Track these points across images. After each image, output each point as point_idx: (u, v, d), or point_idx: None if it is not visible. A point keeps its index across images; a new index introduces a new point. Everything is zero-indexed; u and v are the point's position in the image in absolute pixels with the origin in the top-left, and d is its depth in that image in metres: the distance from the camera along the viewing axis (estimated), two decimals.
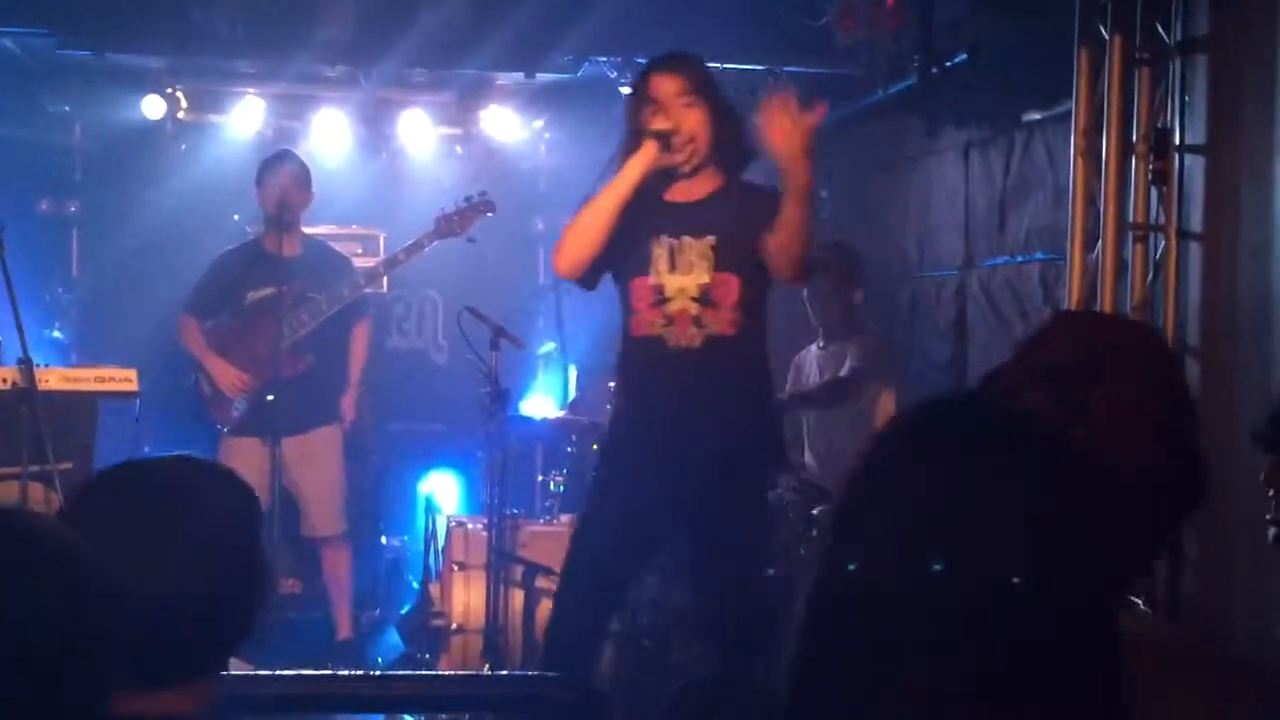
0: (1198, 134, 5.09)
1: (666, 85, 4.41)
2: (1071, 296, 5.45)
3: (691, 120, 4.40)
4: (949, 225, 7.09)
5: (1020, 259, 6.42)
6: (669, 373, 4.41)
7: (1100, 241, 5.31)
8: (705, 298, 4.37)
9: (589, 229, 4.43)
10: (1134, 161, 5.22)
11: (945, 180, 7.15)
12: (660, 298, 4.39)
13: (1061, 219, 5.72)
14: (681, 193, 4.48)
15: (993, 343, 6.59)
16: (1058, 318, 1.89)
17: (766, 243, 4.31)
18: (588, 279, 4.56)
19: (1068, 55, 5.46)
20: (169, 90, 8.29)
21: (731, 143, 4.50)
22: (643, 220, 4.42)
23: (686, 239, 4.40)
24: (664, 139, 4.35)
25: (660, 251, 4.41)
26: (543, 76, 7.61)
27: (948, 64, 6.47)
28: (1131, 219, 5.26)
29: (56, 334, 8.47)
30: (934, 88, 6.67)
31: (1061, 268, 5.74)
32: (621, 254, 4.46)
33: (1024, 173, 6.40)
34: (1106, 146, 5.26)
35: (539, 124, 8.89)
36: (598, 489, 4.65)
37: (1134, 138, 5.22)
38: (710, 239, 4.38)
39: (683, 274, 4.39)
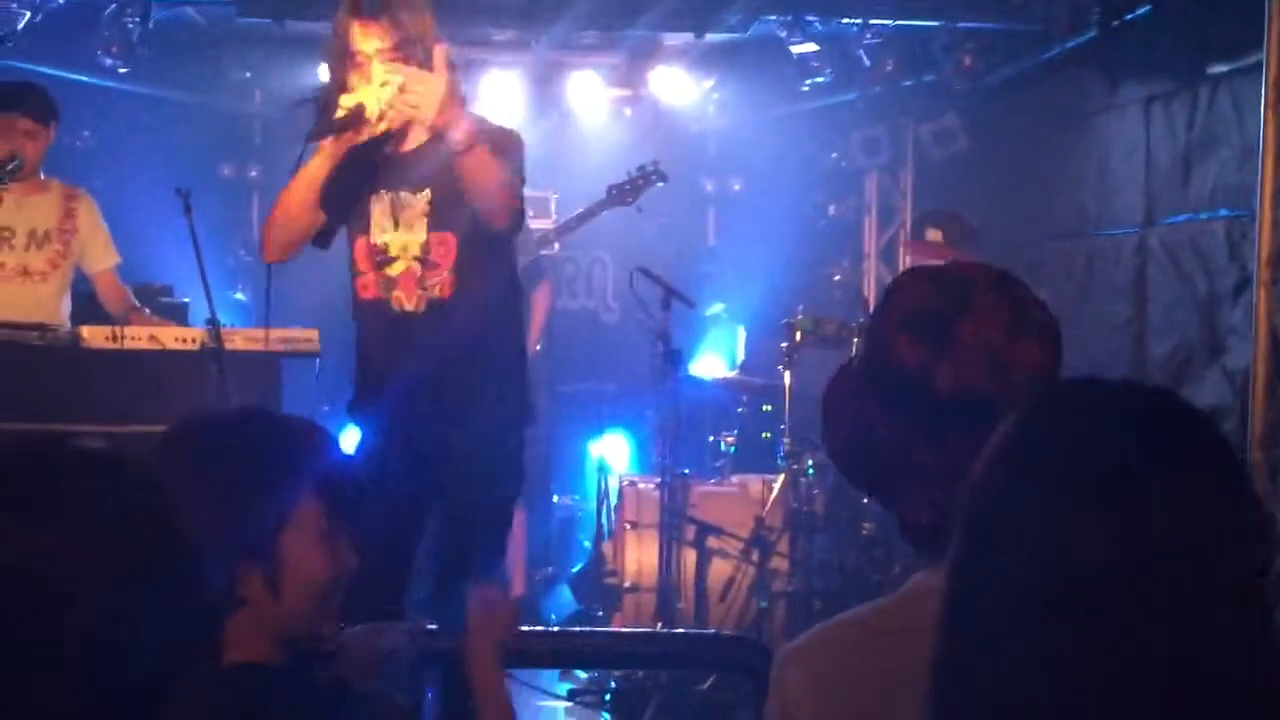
0: None
1: (369, 40, 3.93)
2: (1260, 254, 5.29)
3: (396, 80, 3.86)
4: (1129, 182, 6.92)
5: (1205, 216, 6.24)
6: (396, 339, 4.11)
7: None
8: (425, 258, 4.05)
9: (291, 218, 4.16)
10: None
11: (1125, 136, 6.97)
12: (384, 258, 4.09)
13: (1249, 176, 5.56)
14: (393, 143, 4.10)
15: (1175, 302, 6.42)
16: (909, 271, 1.89)
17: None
18: (319, 244, 4.30)
19: (1258, 3, 5.28)
20: None
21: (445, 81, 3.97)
22: (360, 173, 4.07)
23: (404, 193, 4.06)
24: (356, 120, 3.91)
25: (380, 207, 4.09)
26: (712, 36, 7.55)
27: (1129, 16, 6.33)
28: None
29: (240, 296, 8.67)
30: (1115, 41, 6.52)
31: (1247, 224, 5.58)
32: (343, 210, 4.15)
33: (1209, 127, 6.22)
34: None
35: (708, 84, 8.83)
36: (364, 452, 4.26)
37: None
38: (426, 193, 4.04)
39: (405, 232, 4.06)
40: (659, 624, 5.78)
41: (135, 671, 1.25)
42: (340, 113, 3.92)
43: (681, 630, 5.71)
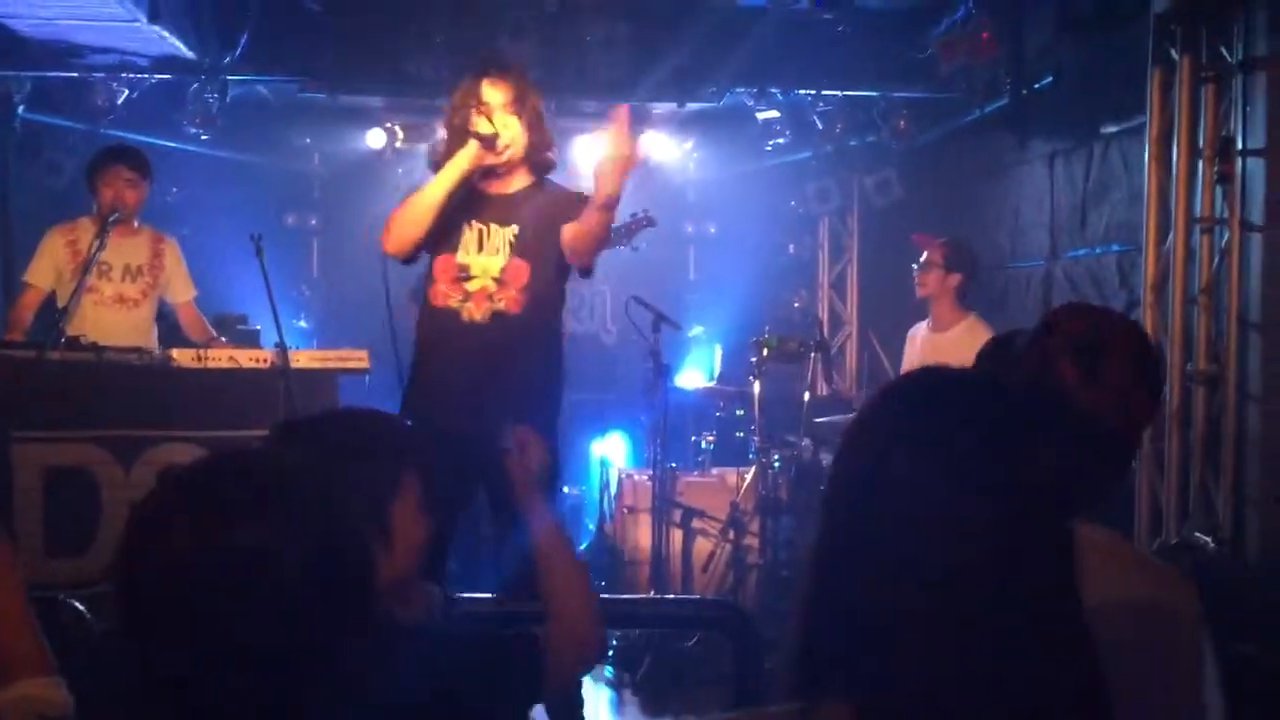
0: (1258, 140, 4.90)
1: (496, 93, 4.12)
2: (1147, 280, 5.29)
3: (513, 127, 4.12)
4: (1037, 223, 6.93)
5: (1099, 250, 6.25)
6: (459, 344, 4.13)
7: (1171, 234, 5.14)
8: (501, 277, 4.11)
9: (418, 215, 4.13)
10: (1201, 164, 5.05)
11: (1034, 185, 6.99)
12: (464, 275, 4.13)
13: (1135, 216, 5.56)
14: (495, 186, 4.21)
15: None
16: (1067, 307, 1.95)
17: (564, 235, 4.10)
18: (411, 256, 4.28)
19: (1141, 75, 5.30)
20: (388, 125, 8.41)
21: (541, 151, 4.22)
22: (460, 205, 4.16)
23: (494, 226, 4.15)
24: (489, 142, 4.09)
25: (470, 234, 4.15)
26: (691, 105, 7.58)
27: (1035, 86, 6.35)
28: (1199, 214, 5.08)
29: (302, 324, 8.67)
30: (1024, 106, 6.53)
31: (1136, 257, 5.59)
32: (439, 232, 4.18)
33: (1102, 177, 6.23)
34: (1177, 151, 5.09)
35: (688, 145, 8.86)
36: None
37: (1201, 143, 5.05)
38: (514, 228, 4.14)
39: (488, 256, 4.13)
40: (652, 591, 5.78)
41: (317, 634, 1.28)
42: (484, 127, 4.06)
43: (671, 596, 5.71)
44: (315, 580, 1.26)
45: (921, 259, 6.06)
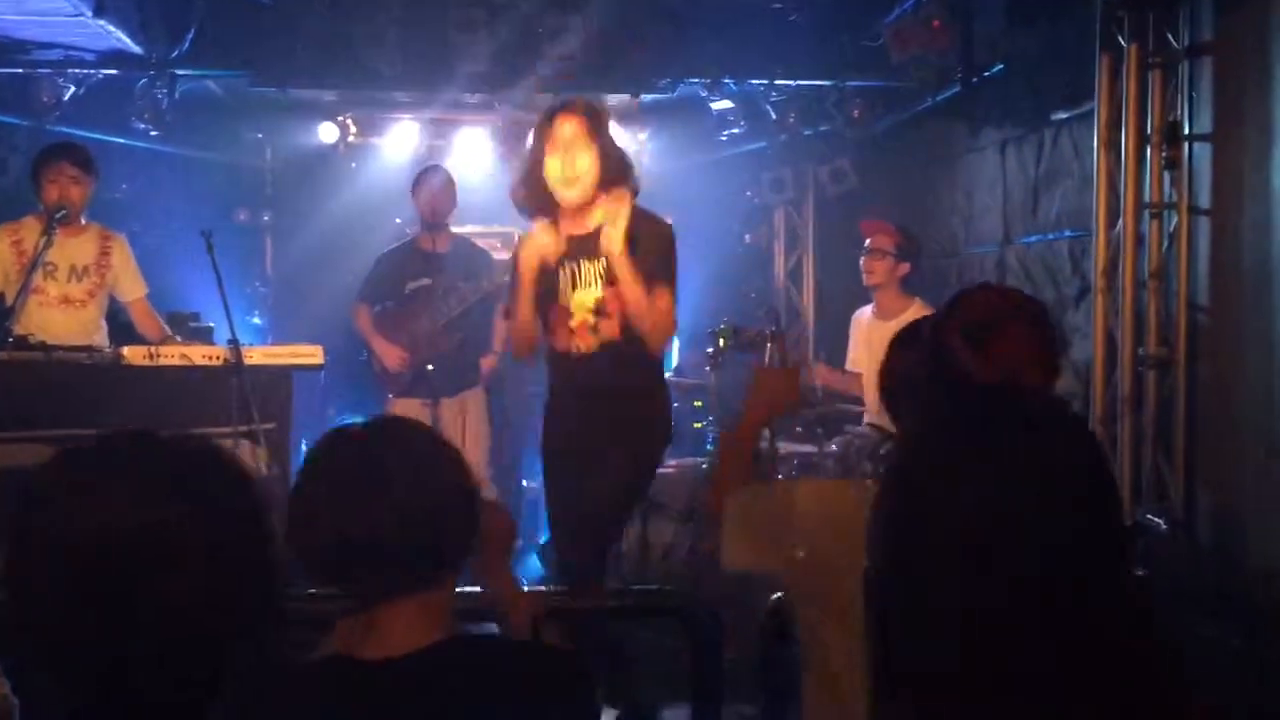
0: (1204, 125, 4.97)
1: (567, 127, 4.23)
2: (1097, 265, 5.34)
3: (585, 159, 4.19)
4: (989, 210, 6.98)
5: (1051, 236, 6.31)
6: (577, 376, 4.31)
7: (1121, 219, 5.20)
8: (599, 310, 4.25)
9: (527, 323, 4.34)
10: (1149, 150, 5.11)
11: (986, 172, 7.04)
12: (567, 314, 4.29)
13: (1086, 202, 5.61)
14: (577, 226, 4.28)
15: None
16: (970, 287, 2.09)
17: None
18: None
19: (1090, 62, 5.35)
20: (341, 119, 8.36)
21: (617, 175, 4.26)
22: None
23: (583, 262, 4.26)
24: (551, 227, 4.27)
25: (565, 276, 4.29)
26: (646, 97, 7.58)
27: (986, 74, 6.38)
28: (1148, 199, 5.14)
29: (255, 320, 8.60)
30: (975, 95, 6.58)
31: (1087, 242, 5.64)
32: (549, 295, 4.35)
33: (1053, 164, 6.29)
34: (1125, 138, 5.15)
35: (644, 136, 8.84)
36: (546, 468, 4.61)
37: (1149, 129, 5.11)
38: (602, 260, 4.23)
39: (583, 291, 4.27)
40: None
41: (212, 626, 1.23)
42: (544, 238, 4.26)
43: (630, 587, 5.71)
44: (201, 576, 1.22)
45: (869, 245, 6.07)
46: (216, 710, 1.24)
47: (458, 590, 1.90)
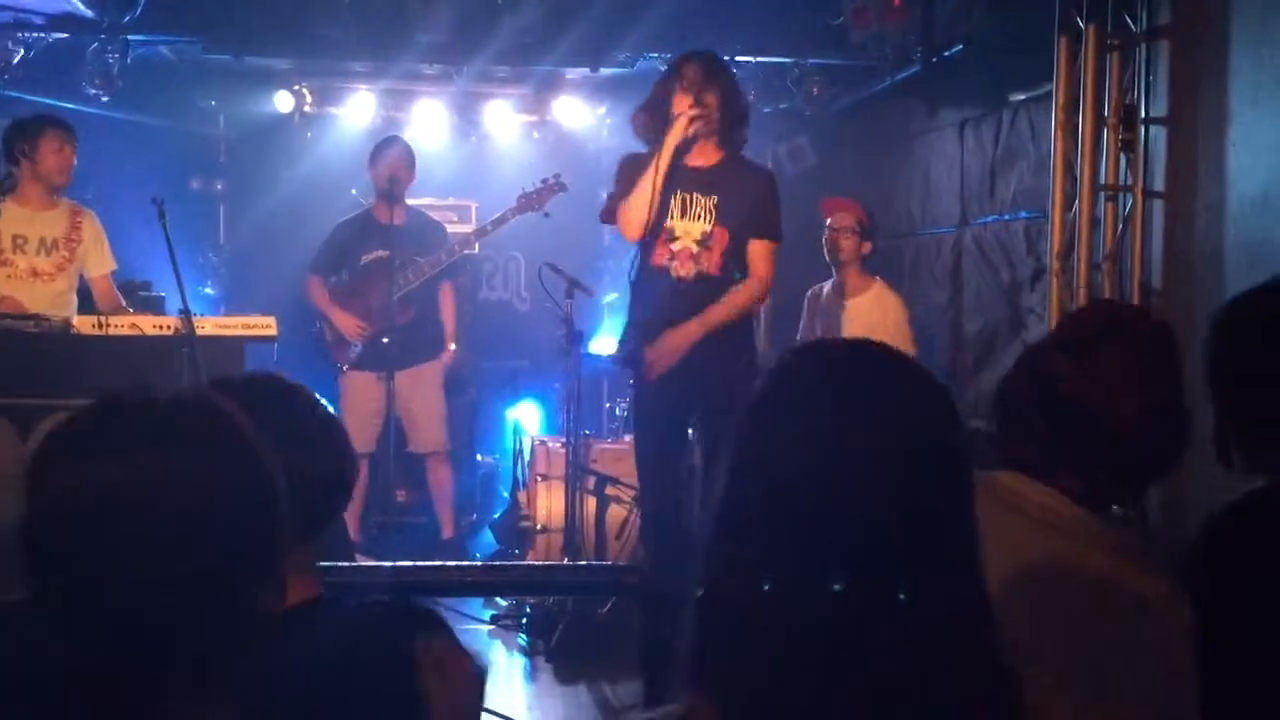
0: (1160, 108, 5.00)
1: (694, 69, 4.56)
2: (1053, 247, 5.37)
3: (710, 96, 4.53)
4: (947, 190, 7.00)
5: (1008, 217, 6.34)
6: (670, 297, 4.58)
7: (1077, 201, 5.23)
8: (704, 241, 4.57)
9: (646, 197, 4.53)
10: (1105, 132, 5.14)
11: (944, 153, 7.06)
12: (671, 237, 4.59)
13: (1043, 183, 5.64)
14: (696, 158, 4.63)
15: (984, 288, 6.52)
16: (1090, 304, 2.02)
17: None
18: (644, 236, 4.66)
19: (1049, 44, 5.36)
20: (296, 87, 8.28)
21: (737, 121, 4.66)
22: (666, 178, 4.57)
23: (696, 194, 4.59)
24: (693, 118, 4.51)
25: (675, 203, 4.59)
26: (605, 71, 7.54)
27: (945, 54, 6.40)
28: (1104, 181, 5.17)
29: (208, 290, 8.51)
30: (934, 74, 6.59)
31: (1043, 224, 5.67)
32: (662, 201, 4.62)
33: (1010, 145, 6.31)
34: (1082, 120, 5.17)
35: (602, 111, 8.82)
36: (634, 397, 4.91)
37: (1106, 112, 5.13)
38: (714, 198, 4.59)
39: (690, 221, 4.60)
40: (565, 558, 5.78)
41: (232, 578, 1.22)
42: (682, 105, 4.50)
43: (584, 563, 5.72)
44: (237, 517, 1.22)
45: (834, 223, 6.08)
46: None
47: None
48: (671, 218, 4.60)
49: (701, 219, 4.59)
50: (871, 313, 6.04)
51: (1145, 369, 1.85)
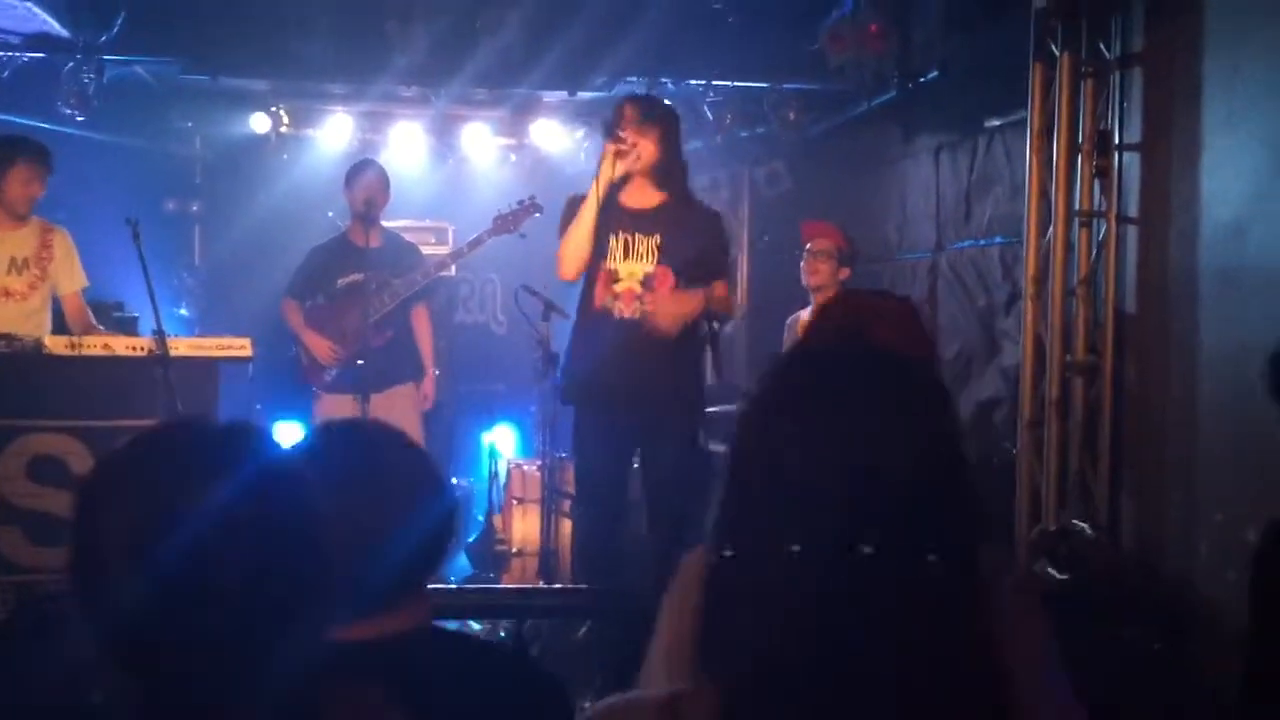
0: (1135, 134, 5.04)
1: (631, 109, 4.65)
2: (1028, 272, 5.40)
3: (646, 138, 4.59)
4: (923, 215, 7.03)
5: (983, 242, 6.37)
6: (612, 339, 4.59)
7: (1052, 226, 5.25)
8: (646, 283, 4.60)
9: (582, 237, 4.60)
10: (1080, 159, 5.17)
11: (919, 178, 7.09)
12: (614, 278, 4.62)
13: (1018, 208, 5.67)
14: (636, 199, 4.67)
15: (960, 311, 6.54)
16: (842, 294, 2.19)
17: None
18: (580, 274, 4.73)
19: (1023, 70, 5.40)
20: (273, 109, 8.27)
21: (673, 163, 4.70)
22: (605, 220, 4.62)
23: (638, 234, 4.62)
24: (622, 148, 4.59)
25: (617, 243, 4.63)
26: (583, 95, 7.56)
27: (921, 79, 6.44)
28: (1078, 207, 5.20)
29: (183, 311, 8.47)
30: (910, 100, 6.63)
31: (1019, 249, 5.70)
32: (597, 244, 4.66)
33: (986, 170, 6.35)
34: (1057, 146, 5.20)
35: (579, 134, 8.83)
36: (577, 427, 4.85)
37: (1080, 138, 5.16)
38: (657, 237, 4.61)
39: (634, 262, 4.62)
40: (541, 582, 5.75)
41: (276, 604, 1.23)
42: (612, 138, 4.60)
43: (559, 586, 5.69)
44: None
45: (813, 247, 6.08)
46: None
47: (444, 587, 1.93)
48: (613, 259, 4.63)
49: (645, 259, 4.62)
50: None
51: (910, 341, 2.09)
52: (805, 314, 6.29)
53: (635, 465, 4.90)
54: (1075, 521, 5.05)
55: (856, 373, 1.28)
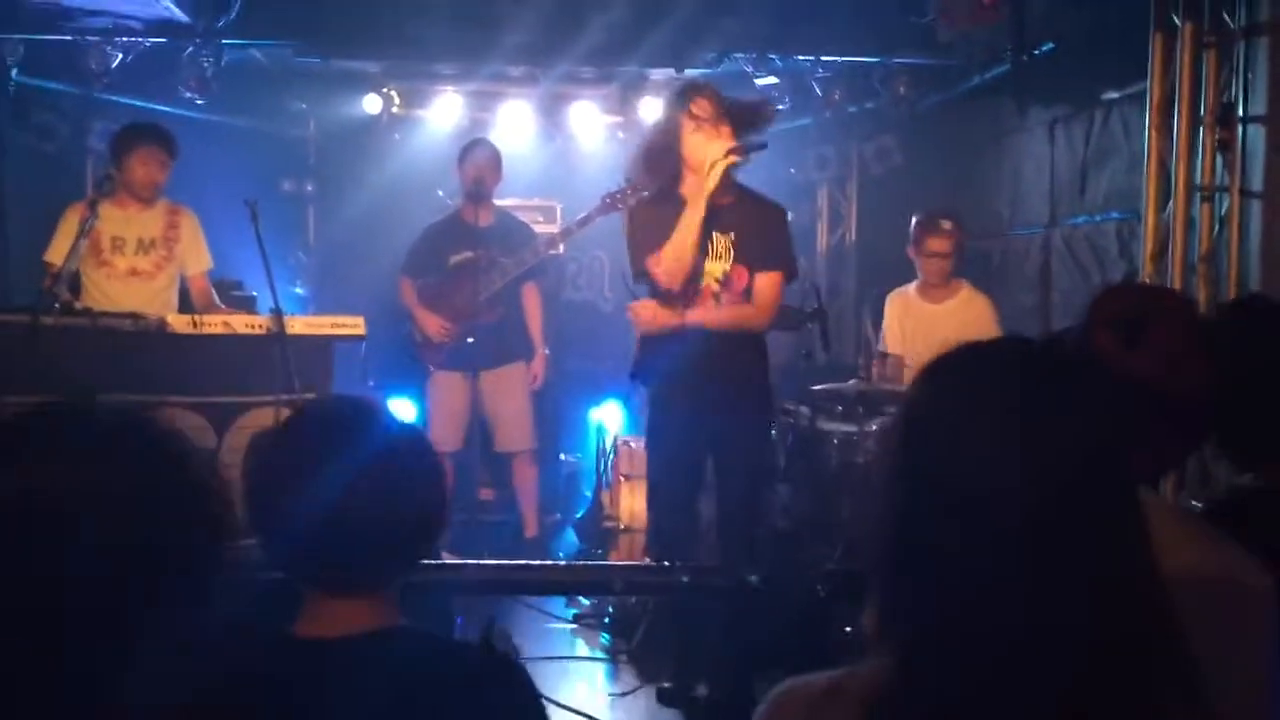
0: (1259, 106, 4.88)
1: (706, 104, 4.52)
2: (1146, 249, 5.28)
3: (724, 136, 4.49)
4: (1036, 191, 6.91)
5: (1099, 218, 6.24)
6: (692, 335, 4.55)
7: (1171, 201, 5.13)
8: (724, 281, 4.57)
9: (691, 251, 4.50)
10: (1201, 131, 5.03)
11: (1033, 152, 6.96)
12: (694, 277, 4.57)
13: (1135, 183, 5.54)
14: (714, 197, 4.53)
15: (1074, 290, 6.41)
16: (1116, 285, 1.97)
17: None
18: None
19: (1142, 41, 5.27)
20: (385, 90, 8.37)
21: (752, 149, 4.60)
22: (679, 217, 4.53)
23: (715, 233, 4.56)
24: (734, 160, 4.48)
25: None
26: (690, 71, 7.53)
27: (1036, 52, 6.30)
28: (1199, 181, 5.07)
29: (298, 290, 8.65)
30: (1024, 73, 6.50)
31: (1135, 225, 5.57)
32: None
33: (1102, 144, 6.21)
34: (1178, 118, 5.07)
35: None
36: (651, 431, 4.83)
37: (1202, 110, 5.03)
38: (732, 235, 4.56)
39: (712, 260, 4.57)
40: (648, 559, 5.78)
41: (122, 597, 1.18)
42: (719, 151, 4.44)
43: (667, 563, 5.71)
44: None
45: (930, 249, 6.04)
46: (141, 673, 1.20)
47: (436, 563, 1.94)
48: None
49: (722, 258, 4.58)
50: (961, 315, 5.99)
51: (1196, 340, 1.83)
52: (911, 290, 6.24)
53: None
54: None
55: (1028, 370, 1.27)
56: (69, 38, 6.72)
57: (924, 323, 6.11)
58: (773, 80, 7.37)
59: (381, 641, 1.72)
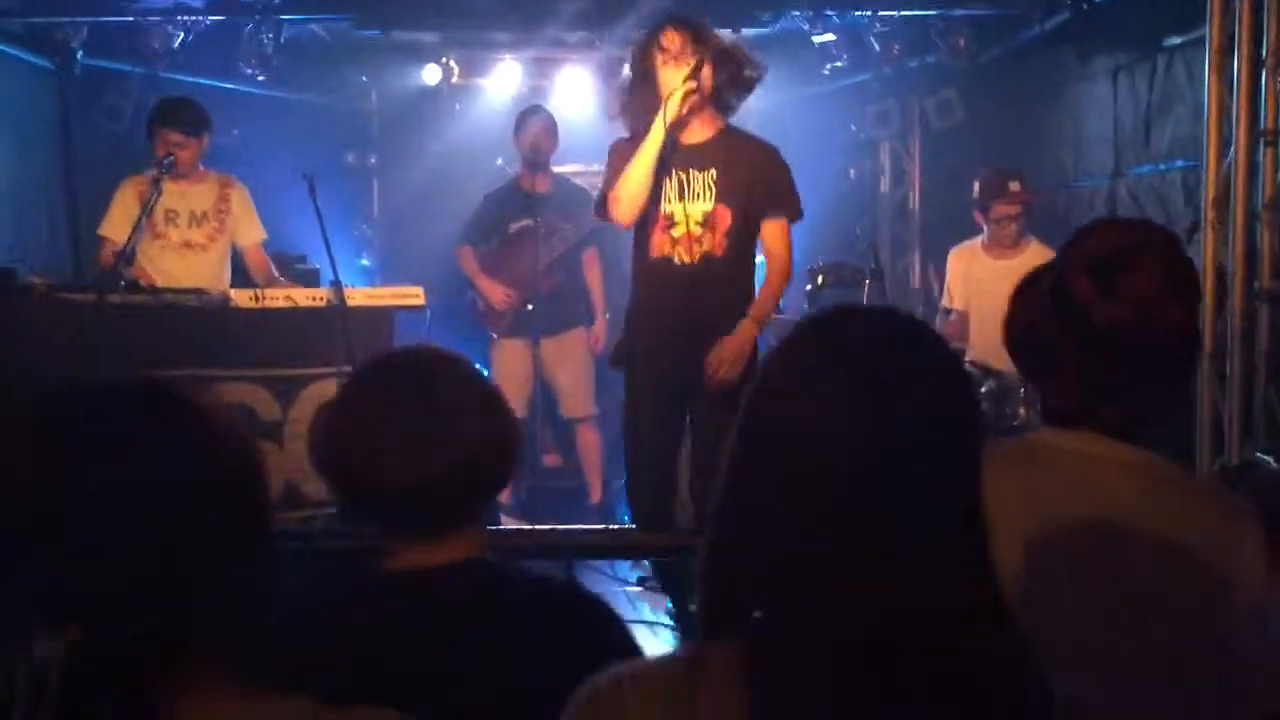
0: None
1: (676, 37, 4.27)
2: (1208, 196, 5.18)
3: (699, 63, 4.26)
4: (1100, 140, 6.79)
5: (1164, 167, 6.13)
6: (676, 285, 4.35)
7: (1233, 148, 5.03)
8: (705, 222, 4.31)
9: (641, 181, 4.28)
10: (1264, 75, 4.92)
11: (1096, 101, 6.84)
12: (670, 222, 4.34)
13: (1199, 131, 5.42)
14: (691, 134, 4.35)
15: None
16: (1092, 223, 1.90)
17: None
18: (637, 220, 4.42)
19: None
20: (443, 60, 8.42)
21: (730, 85, 4.37)
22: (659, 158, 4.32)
23: (693, 171, 4.33)
24: (688, 93, 4.22)
25: (671, 184, 4.33)
26: (746, 31, 7.47)
27: (1097, 0, 6.19)
28: (1262, 126, 4.96)
29: (364, 262, 8.76)
30: (1085, 21, 6.39)
31: (1201, 173, 5.45)
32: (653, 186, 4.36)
33: (1166, 91, 6.09)
34: (1238, 63, 4.96)
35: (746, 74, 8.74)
36: (630, 383, 4.55)
37: (1264, 54, 4.91)
38: (712, 171, 4.32)
39: (689, 202, 4.33)
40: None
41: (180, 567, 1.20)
42: (674, 80, 4.22)
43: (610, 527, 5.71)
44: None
45: (999, 213, 5.99)
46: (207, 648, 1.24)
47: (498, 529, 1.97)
48: (668, 201, 4.33)
49: (701, 198, 4.32)
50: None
51: (1173, 282, 1.78)
52: (977, 245, 6.18)
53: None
54: (1259, 455, 4.86)
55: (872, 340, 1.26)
56: (131, 19, 6.83)
57: (990, 279, 6.04)
58: (830, 37, 7.31)
59: (478, 568, 1.78)
